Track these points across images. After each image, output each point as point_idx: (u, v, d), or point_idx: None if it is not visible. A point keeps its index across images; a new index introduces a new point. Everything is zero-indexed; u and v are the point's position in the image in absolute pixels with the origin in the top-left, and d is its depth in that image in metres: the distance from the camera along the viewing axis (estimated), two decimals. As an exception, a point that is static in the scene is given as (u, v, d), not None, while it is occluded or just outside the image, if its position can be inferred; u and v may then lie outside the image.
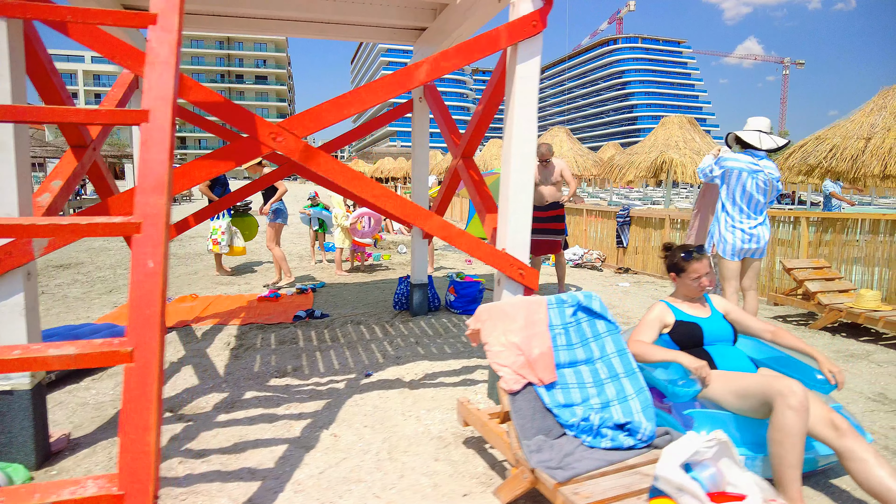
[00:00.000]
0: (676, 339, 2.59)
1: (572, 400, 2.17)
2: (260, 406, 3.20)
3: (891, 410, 3.14)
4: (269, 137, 2.55)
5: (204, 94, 2.50)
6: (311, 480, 2.38)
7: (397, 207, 2.81)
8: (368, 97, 2.67)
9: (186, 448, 2.67)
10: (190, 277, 7.54)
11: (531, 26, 2.84)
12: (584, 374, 2.25)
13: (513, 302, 2.32)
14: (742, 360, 2.48)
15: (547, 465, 1.85)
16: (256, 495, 2.26)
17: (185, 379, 3.65)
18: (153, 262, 1.71)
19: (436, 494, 2.25)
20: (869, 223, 5.19)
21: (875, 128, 6.78)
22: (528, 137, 2.95)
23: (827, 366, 2.42)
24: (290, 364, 3.95)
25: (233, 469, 2.46)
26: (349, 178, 2.68)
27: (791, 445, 2.00)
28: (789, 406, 2.03)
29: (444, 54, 2.75)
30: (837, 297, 4.82)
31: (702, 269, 2.62)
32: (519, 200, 2.98)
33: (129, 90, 4.41)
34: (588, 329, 2.36)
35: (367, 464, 2.52)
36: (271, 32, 4.72)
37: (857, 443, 2.04)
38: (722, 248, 4.17)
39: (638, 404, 2.16)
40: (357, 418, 3.02)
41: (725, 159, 4.20)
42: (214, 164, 2.52)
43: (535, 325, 2.24)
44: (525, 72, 2.89)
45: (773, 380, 2.12)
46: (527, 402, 2.08)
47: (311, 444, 2.72)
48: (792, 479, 2.00)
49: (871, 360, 4.06)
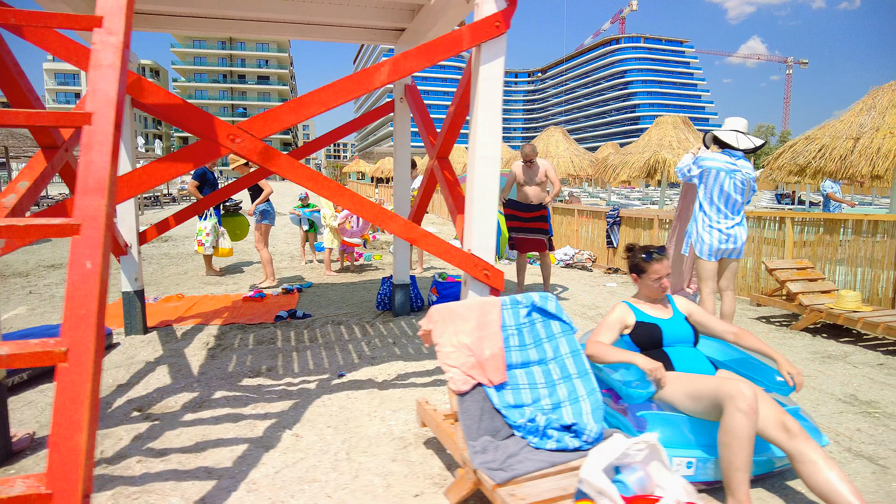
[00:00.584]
0: (636, 341, 2.59)
1: (523, 401, 2.17)
2: (228, 406, 3.21)
3: (859, 412, 3.13)
4: (228, 139, 2.56)
5: (161, 97, 2.51)
6: (266, 480, 2.39)
7: (358, 207, 2.81)
8: (329, 98, 2.68)
9: (148, 447, 2.69)
10: (179, 278, 7.57)
11: (494, 27, 2.84)
12: (537, 375, 2.25)
13: (466, 303, 2.33)
14: (701, 361, 2.47)
15: (489, 466, 1.86)
16: (210, 494, 2.27)
17: (157, 378, 3.67)
18: (91, 262, 1.72)
19: (387, 495, 2.25)
20: (852, 223, 5.17)
21: (864, 127, 6.75)
22: (492, 140, 2.95)
23: (786, 367, 2.42)
24: (265, 364, 3.97)
25: (190, 468, 2.47)
26: (307, 177, 2.69)
27: (739, 448, 2.00)
28: (738, 408, 2.02)
29: (406, 55, 2.76)
30: (819, 298, 4.81)
31: (662, 269, 2.61)
32: (483, 202, 2.98)
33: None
34: (542, 330, 2.36)
35: (324, 464, 2.52)
36: (250, 33, 4.73)
37: (808, 445, 2.03)
38: (699, 249, 4.16)
39: (588, 405, 2.15)
40: (322, 418, 3.03)
41: (703, 159, 4.19)
42: (173, 166, 2.54)
43: (488, 326, 2.24)
44: (488, 73, 2.90)
45: (724, 382, 2.12)
46: (475, 402, 2.09)
47: (272, 443, 2.73)
48: (740, 481, 2.00)
49: (848, 361, 4.04)
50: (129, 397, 3.34)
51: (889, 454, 2.62)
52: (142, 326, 4.75)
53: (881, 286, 4.92)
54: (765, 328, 4.97)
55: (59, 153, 3.42)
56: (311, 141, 5.13)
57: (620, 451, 1.43)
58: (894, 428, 2.92)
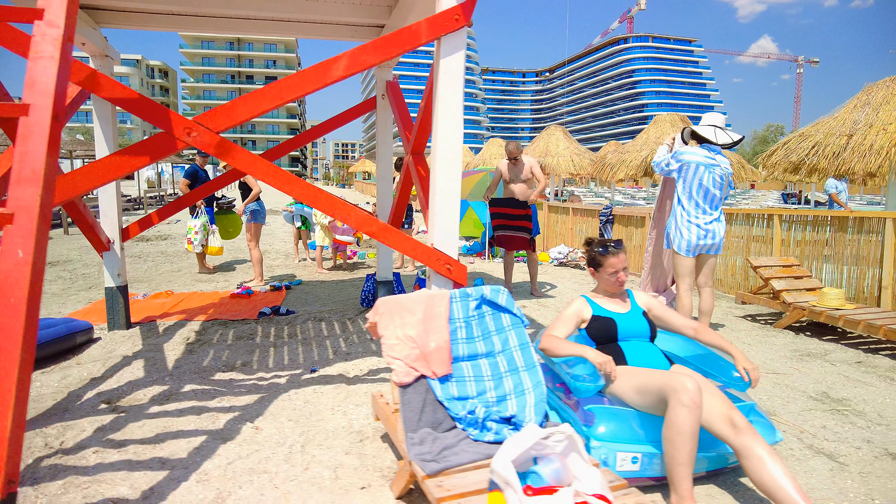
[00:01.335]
0: (592, 335, 2.57)
1: (467, 393, 2.16)
2: (195, 399, 3.23)
3: (828, 410, 3.08)
4: (185, 133, 2.57)
5: (118, 91, 2.54)
6: (217, 471, 2.40)
7: (312, 198, 2.80)
8: (285, 93, 2.68)
9: (109, 438, 2.71)
10: (172, 275, 7.63)
11: (453, 20, 2.84)
12: (484, 368, 2.24)
13: (413, 295, 2.32)
14: (655, 356, 2.45)
15: (423, 457, 1.85)
16: (159, 484, 2.28)
17: (131, 372, 3.69)
18: (23, 251, 1.73)
19: (333, 486, 2.25)
20: (837, 221, 5.10)
21: (857, 124, 6.65)
22: (453, 135, 2.94)
23: (742, 363, 2.39)
24: (240, 359, 3.99)
25: (145, 459, 2.49)
26: (264, 171, 2.70)
27: (681, 443, 1.97)
28: (681, 403, 2.00)
29: (363, 48, 2.76)
30: (803, 296, 4.75)
31: (618, 263, 2.59)
32: (445, 197, 2.97)
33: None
34: (492, 323, 2.35)
35: (278, 456, 2.53)
36: (229, 31, 4.76)
37: (754, 441, 2.00)
38: (677, 244, 4.12)
39: (532, 398, 2.14)
40: (285, 412, 3.04)
41: (682, 153, 4.15)
42: (129, 160, 2.55)
43: (435, 318, 2.24)
44: (448, 66, 2.89)
45: (669, 377, 2.10)
46: (418, 394, 2.08)
47: (230, 436, 2.74)
48: (682, 476, 1.97)
49: (827, 359, 3.99)
50: (100, 390, 3.37)
51: (850, 452, 2.58)
52: (125, 322, 4.79)
53: (866, 284, 4.85)
54: (748, 326, 4.92)
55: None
56: (294, 136, 5.15)
57: (532, 443, 1.41)
58: (861, 426, 2.87)
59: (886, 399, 3.22)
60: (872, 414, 3.02)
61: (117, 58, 4.80)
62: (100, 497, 2.17)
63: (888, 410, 3.06)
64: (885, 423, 2.89)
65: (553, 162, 15.96)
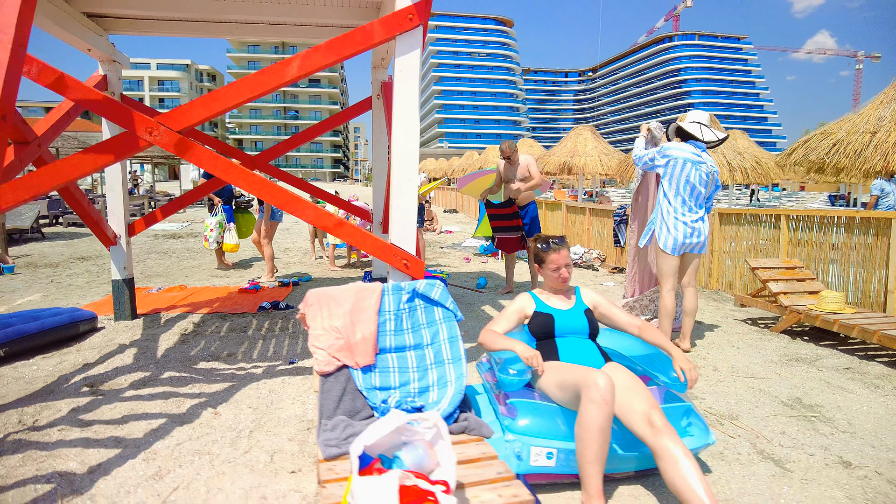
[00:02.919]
0: (532, 330, 2.57)
1: (390, 384, 2.21)
2: (169, 385, 3.40)
3: (795, 416, 2.96)
4: (146, 132, 2.73)
5: (83, 93, 2.71)
6: (166, 451, 2.53)
7: (266, 193, 2.89)
8: (241, 93, 2.80)
9: (79, 418, 2.89)
10: (192, 270, 7.97)
11: (407, 20, 2.88)
12: (410, 360, 2.28)
13: (343, 287, 2.38)
14: (590, 353, 2.43)
15: (328, 443, 1.91)
16: (108, 461, 2.43)
17: (121, 359, 3.91)
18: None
19: (265, 469, 2.34)
20: (844, 221, 4.85)
21: (882, 121, 6.29)
22: (409, 133, 2.99)
23: (679, 364, 2.35)
24: (227, 350, 4.15)
25: (102, 438, 2.65)
26: (222, 167, 2.82)
27: (590, 440, 1.96)
28: (591, 399, 1.99)
29: (316, 49, 2.84)
30: (802, 299, 4.55)
31: (559, 259, 2.58)
32: (402, 194, 3.02)
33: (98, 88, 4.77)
34: (423, 316, 2.39)
35: (225, 439, 2.64)
36: (227, 35, 4.96)
37: (671, 441, 1.96)
38: (663, 242, 4.02)
39: (452, 389, 2.17)
40: (248, 400, 3.16)
41: (669, 148, 4.05)
42: (94, 159, 2.72)
43: (363, 310, 2.30)
44: (403, 65, 2.94)
45: (585, 373, 2.08)
46: (338, 383, 2.14)
47: (189, 420, 2.88)
48: (590, 474, 1.96)
49: (816, 364, 3.82)
50: (87, 374, 3.58)
51: (801, 458, 2.49)
52: (130, 313, 5.05)
53: (873, 287, 4.60)
54: (745, 329, 4.75)
55: (30, 148, 3.71)
56: (289, 137, 5.31)
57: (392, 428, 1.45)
58: (824, 433, 2.75)
59: (863, 407, 3.06)
60: (841, 421, 2.88)
61: (126, 63, 5.07)
62: (51, 470, 2.33)
63: (860, 418, 2.92)
64: (850, 432, 2.76)
65: (580, 162, 15.71)
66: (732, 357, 3.98)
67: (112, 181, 4.96)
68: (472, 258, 9.48)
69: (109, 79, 4.86)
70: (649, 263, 4.57)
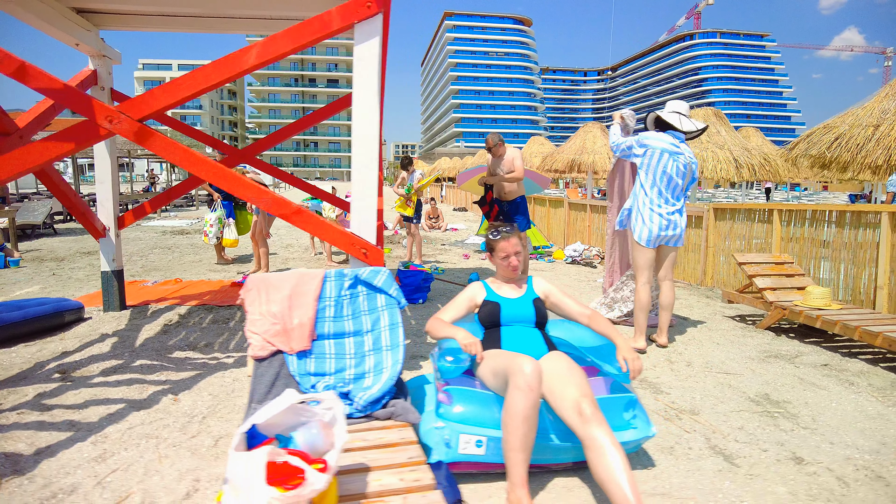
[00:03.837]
0: (480, 319, 2.55)
1: (325, 370, 2.21)
2: (138, 373, 3.44)
3: (758, 412, 2.88)
4: (106, 120, 2.77)
5: (45, 82, 2.76)
6: (116, 434, 2.56)
7: (219, 178, 2.89)
8: (199, 82, 2.82)
9: (42, 403, 2.95)
10: (192, 264, 8.08)
11: (365, 7, 2.88)
12: (348, 346, 2.28)
13: (284, 273, 2.39)
14: (533, 341, 2.39)
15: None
16: (57, 443, 2.47)
17: (99, 348, 3.98)
18: None
19: (207, 454, 2.36)
20: (835, 215, 4.71)
21: (886, 114, 6.10)
22: (369, 121, 2.98)
23: (622, 353, 2.31)
24: (205, 340, 4.20)
25: (57, 421, 2.69)
26: (180, 155, 2.85)
27: (514, 427, 1.93)
28: (516, 386, 1.97)
29: (274, 38, 2.85)
30: (789, 295, 4.44)
31: (509, 248, 2.55)
32: (361, 182, 3.02)
33: (85, 83, 4.86)
34: (364, 303, 2.38)
35: (177, 424, 2.67)
36: (217, 30, 5.01)
37: (599, 431, 1.92)
38: (638, 234, 3.95)
39: (386, 375, 2.16)
40: (211, 388, 3.19)
41: (647, 138, 3.98)
42: (56, 146, 2.77)
43: (302, 296, 2.30)
44: (362, 53, 2.94)
45: (513, 359, 2.05)
46: (271, 368, 2.15)
47: (148, 405, 2.92)
48: (515, 462, 1.93)
49: (795, 361, 3.71)
50: (63, 362, 3.65)
51: (753, 454, 2.42)
52: (118, 304, 5.14)
53: (863, 283, 4.46)
54: (730, 325, 4.64)
55: (11, 139, 3.80)
56: (272, 133, 5.35)
57: (283, 408, 1.44)
58: (784, 428, 2.67)
59: (832, 404, 2.97)
60: (806, 418, 2.80)
61: (117, 58, 5.16)
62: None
63: (825, 415, 2.83)
64: (812, 428, 2.68)
65: (589, 160, 15.56)
66: (710, 353, 3.90)
67: (102, 174, 5.05)
68: (472, 255, 9.45)
69: (99, 73, 4.95)
70: (627, 252, 4.50)
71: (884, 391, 3.15)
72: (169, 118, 5.25)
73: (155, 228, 13.22)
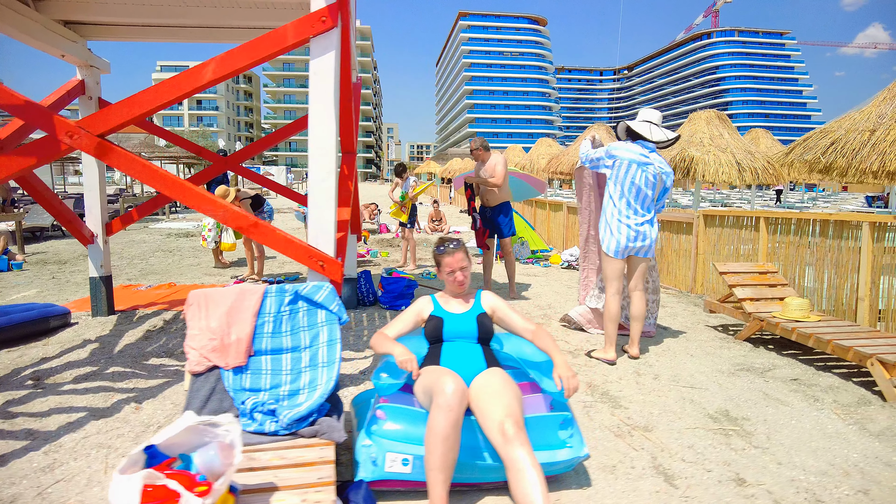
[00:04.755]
0: (426, 334, 2.56)
1: (260, 385, 2.23)
2: (109, 380, 3.51)
3: (713, 429, 2.84)
4: (66, 136, 2.83)
5: (5, 98, 2.83)
6: (71, 443, 2.62)
7: (177, 193, 2.94)
8: (158, 97, 2.87)
9: (8, 410, 3.02)
10: (190, 268, 8.20)
11: (320, 22, 2.90)
12: (284, 362, 2.30)
13: (225, 289, 2.42)
14: (472, 357, 2.39)
15: (179, 440, 1.95)
16: (12, 452, 2.53)
17: (78, 354, 4.06)
18: None
19: (150, 465, 2.40)
20: (819, 224, 4.62)
21: (883, 118, 5.96)
22: (325, 133, 3.00)
23: (558, 371, 2.29)
24: (182, 347, 4.26)
25: (16, 429, 2.76)
26: (140, 169, 2.90)
27: (434, 446, 1.94)
28: (437, 405, 1.97)
29: (231, 53, 2.89)
30: (769, 306, 4.36)
31: (454, 263, 2.55)
32: (318, 194, 3.05)
33: (73, 93, 4.97)
34: (304, 319, 2.40)
35: (133, 433, 2.72)
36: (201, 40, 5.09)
37: (520, 452, 1.92)
38: (606, 245, 3.93)
39: (318, 393, 2.18)
40: (175, 396, 3.24)
41: (616, 148, 3.96)
42: (18, 161, 2.84)
43: (241, 311, 2.33)
44: (318, 67, 2.96)
45: (439, 377, 2.06)
46: (208, 383, 2.18)
47: (109, 414, 2.97)
48: (434, 482, 1.94)
49: (766, 375, 3.65)
50: (39, 368, 3.74)
51: (696, 474, 2.39)
52: (106, 309, 5.24)
53: (845, 294, 4.36)
54: (709, 336, 4.58)
55: (-9, 151, 3.88)
56: (254, 142, 5.41)
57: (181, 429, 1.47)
58: (735, 447, 2.64)
59: (791, 421, 2.92)
60: (761, 436, 2.75)
61: (106, 68, 5.27)
62: (-49, 459, 2.45)
63: (781, 433, 2.78)
64: (764, 447, 2.63)
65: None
66: (681, 365, 3.85)
67: (90, 181, 5.16)
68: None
69: (87, 83, 5.06)
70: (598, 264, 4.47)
71: (848, 408, 3.09)
72: (151, 125, 5.34)
73: (161, 231, 13.43)
